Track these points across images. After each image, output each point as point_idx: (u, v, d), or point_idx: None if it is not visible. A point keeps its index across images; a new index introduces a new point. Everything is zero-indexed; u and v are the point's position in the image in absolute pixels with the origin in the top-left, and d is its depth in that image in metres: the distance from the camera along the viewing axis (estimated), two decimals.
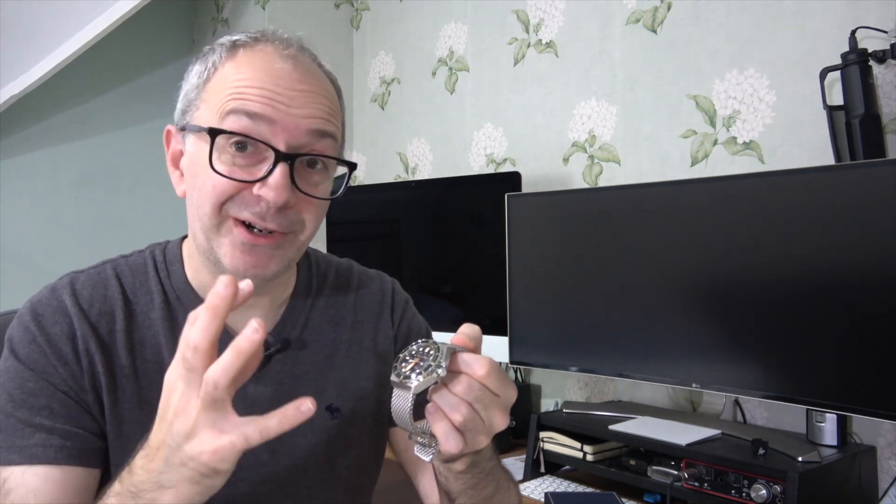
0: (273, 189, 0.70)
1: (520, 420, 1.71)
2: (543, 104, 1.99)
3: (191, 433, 0.55)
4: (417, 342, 0.63)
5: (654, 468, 1.34)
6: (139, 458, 0.60)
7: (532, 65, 2.02)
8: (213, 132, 0.70)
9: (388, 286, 0.94)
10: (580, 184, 1.89)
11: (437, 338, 0.97)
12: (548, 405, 1.93)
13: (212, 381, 0.54)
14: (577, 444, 1.47)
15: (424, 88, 2.36)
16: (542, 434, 1.54)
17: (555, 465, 1.55)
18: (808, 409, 1.31)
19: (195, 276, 0.80)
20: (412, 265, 2.11)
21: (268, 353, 0.79)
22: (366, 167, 2.57)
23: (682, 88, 1.69)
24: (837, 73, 1.36)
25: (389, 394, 0.61)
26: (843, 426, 1.30)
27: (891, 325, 1.14)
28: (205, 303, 0.56)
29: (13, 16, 2.14)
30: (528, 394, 1.94)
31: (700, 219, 1.38)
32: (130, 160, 2.64)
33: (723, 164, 1.62)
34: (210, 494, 0.58)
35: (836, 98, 1.38)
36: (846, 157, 1.32)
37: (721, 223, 1.35)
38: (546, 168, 1.98)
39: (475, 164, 2.19)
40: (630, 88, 1.79)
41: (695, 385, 1.39)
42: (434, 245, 2.07)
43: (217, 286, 0.56)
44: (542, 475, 1.54)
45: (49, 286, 0.78)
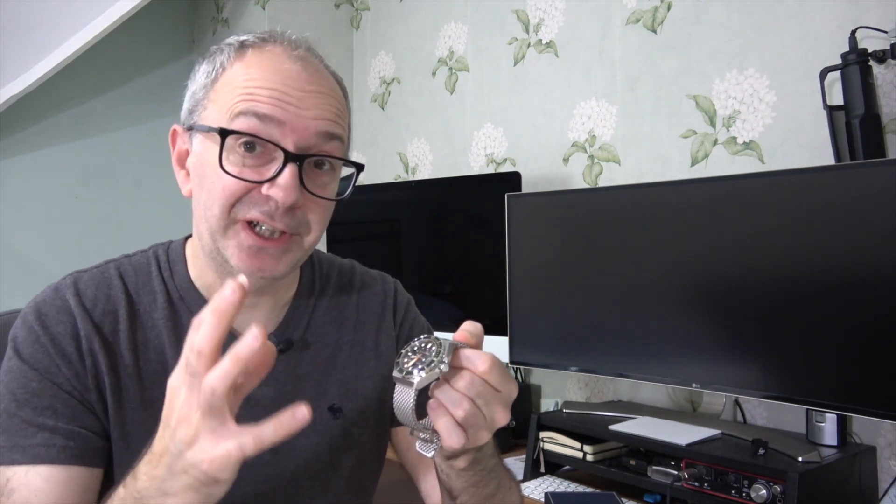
0: (283, 189, 0.70)
1: (520, 420, 1.71)
2: (543, 104, 1.99)
3: (192, 440, 0.55)
4: (420, 338, 0.63)
5: (654, 468, 1.34)
6: (143, 465, 0.60)
7: (532, 65, 2.03)
8: (224, 133, 0.70)
9: (391, 287, 0.95)
10: (580, 184, 1.89)
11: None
12: (548, 405, 1.93)
13: (209, 388, 0.53)
14: (577, 444, 1.47)
15: (424, 88, 2.36)
16: (542, 434, 1.54)
17: (555, 465, 1.55)
18: (808, 409, 1.31)
19: (199, 276, 0.80)
20: (412, 265, 2.11)
21: None
22: (366, 167, 2.56)
23: (682, 88, 1.69)
24: (837, 73, 1.36)
25: (391, 392, 0.61)
26: (843, 426, 1.30)
27: (891, 325, 1.14)
28: (210, 306, 0.55)
29: (13, 16, 2.15)
30: (528, 394, 1.94)
31: (700, 219, 1.39)
32: (130, 160, 2.64)
33: (723, 164, 1.62)
34: (213, 501, 0.58)
35: (836, 98, 1.38)
36: (846, 157, 1.32)
37: (721, 223, 1.35)
38: (546, 168, 1.98)
39: (475, 164, 2.19)
40: (630, 88, 1.80)
41: (695, 385, 1.39)
42: (434, 245, 2.07)
43: (224, 290, 0.55)
44: (542, 475, 1.54)
45: (52, 286, 0.78)
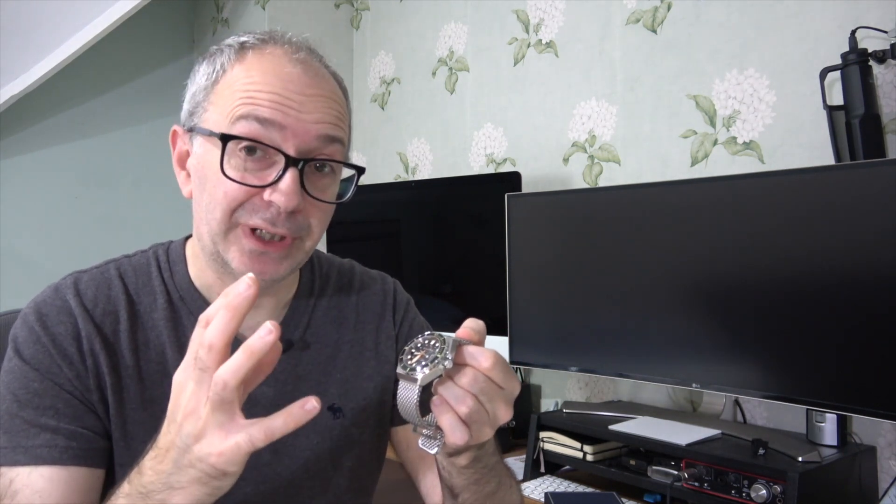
0: (284, 194, 0.70)
1: (520, 420, 1.71)
2: (543, 104, 1.99)
3: (199, 434, 0.55)
4: (423, 335, 0.63)
5: (654, 468, 1.34)
6: (148, 459, 0.60)
7: (532, 65, 2.03)
8: (225, 138, 0.70)
9: (390, 287, 0.95)
10: (580, 184, 1.89)
11: None
12: (548, 405, 1.93)
13: (221, 382, 0.53)
14: (577, 444, 1.47)
15: (424, 88, 2.36)
16: (542, 434, 1.54)
17: (555, 465, 1.55)
18: (808, 409, 1.31)
19: (199, 277, 0.80)
20: (412, 265, 2.11)
21: None
22: (366, 167, 2.56)
23: (682, 88, 1.69)
24: (837, 73, 1.36)
25: (391, 391, 0.61)
26: (843, 426, 1.30)
27: (891, 325, 1.14)
28: (222, 301, 0.55)
29: (13, 16, 2.14)
30: (528, 394, 1.94)
31: (700, 219, 1.39)
32: (130, 160, 2.64)
33: (723, 164, 1.62)
34: (219, 495, 0.58)
35: (836, 98, 1.38)
36: (846, 157, 1.32)
37: (721, 223, 1.35)
38: (546, 168, 1.98)
39: (475, 164, 2.19)
40: (630, 88, 1.80)
41: (695, 385, 1.39)
42: (434, 245, 2.07)
43: (238, 286, 0.55)
44: (542, 475, 1.54)
45: (52, 286, 0.78)
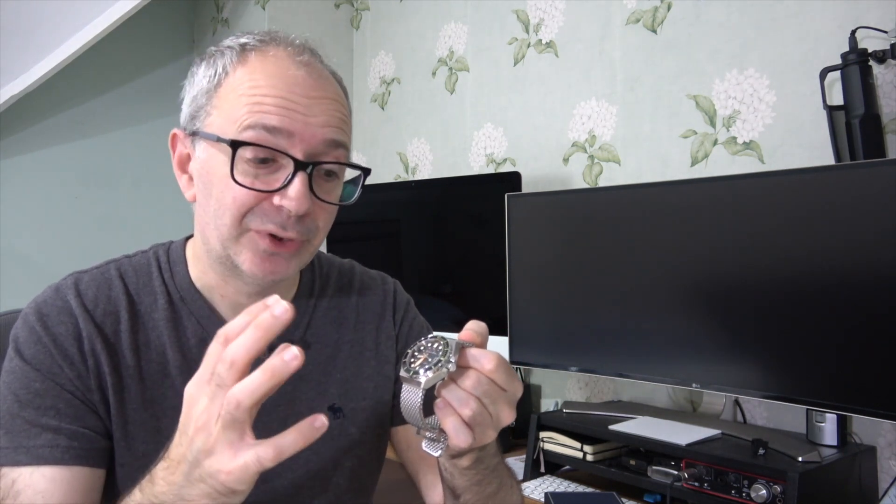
0: (295, 199, 0.70)
1: (520, 420, 1.70)
2: (543, 104, 1.99)
3: (209, 451, 0.55)
4: (426, 337, 0.64)
5: (654, 468, 1.34)
6: (160, 469, 0.60)
7: (532, 65, 2.03)
8: (235, 145, 0.70)
9: (391, 287, 0.95)
10: (580, 184, 1.89)
11: None
12: (548, 405, 1.93)
13: (234, 401, 0.53)
14: (577, 444, 1.47)
15: (424, 88, 2.36)
16: (542, 434, 1.54)
17: (555, 465, 1.55)
18: (808, 409, 1.31)
19: (200, 278, 0.80)
20: (412, 265, 2.11)
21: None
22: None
23: (682, 88, 1.69)
24: (837, 73, 1.36)
25: (391, 391, 0.61)
26: (843, 426, 1.30)
27: (891, 325, 1.14)
28: (248, 318, 0.55)
29: (13, 16, 2.14)
30: (528, 394, 1.94)
31: (700, 219, 1.39)
32: (130, 160, 2.64)
33: (723, 164, 1.62)
34: None
35: (836, 98, 1.38)
36: (846, 157, 1.32)
37: (721, 223, 1.35)
38: (546, 168, 1.98)
39: (475, 164, 2.19)
40: (630, 88, 1.80)
41: (695, 385, 1.39)
42: (434, 245, 2.07)
43: (274, 308, 0.54)
44: (542, 475, 1.54)
45: (53, 286, 0.77)
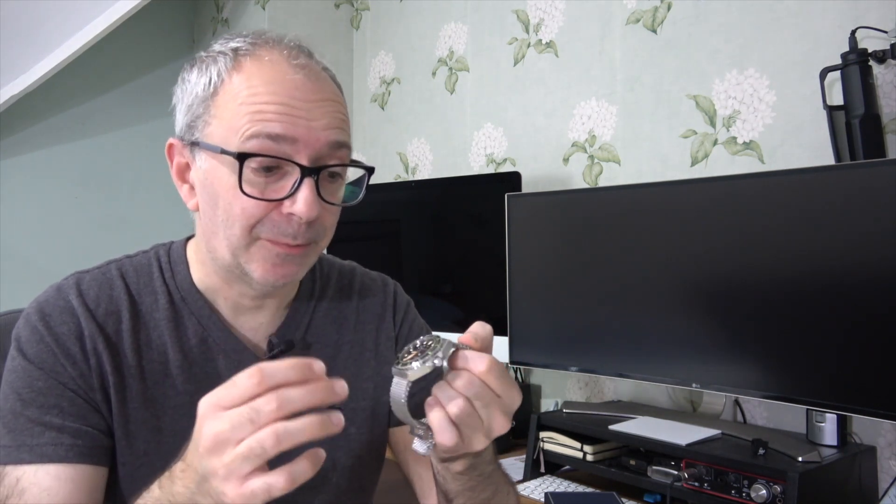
0: (305, 205, 0.70)
1: (520, 420, 1.71)
2: (543, 104, 1.99)
3: (218, 473, 0.54)
4: (422, 337, 0.64)
5: (654, 468, 1.34)
6: (178, 470, 0.61)
7: (532, 65, 2.03)
8: (242, 157, 0.69)
9: (391, 288, 0.95)
10: (580, 184, 1.89)
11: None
12: (548, 405, 1.93)
13: (274, 439, 0.53)
14: (577, 444, 1.47)
15: (424, 88, 2.36)
16: (542, 434, 1.54)
17: (555, 465, 1.55)
18: (808, 409, 1.31)
19: (202, 280, 0.81)
20: (412, 265, 2.11)
21: (272, 354, 0.80)
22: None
23: (682, 88, 1.69)
24: (837, 73, 1.36)
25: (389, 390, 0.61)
26: (843, 426, 1.30)
27: (891, 325, 1.14)
28: (314, 383, 0.55)
29: (13, 16, 2.14)
30: (528, 394, 1.94)
31: (700, 219, 1.38)
32: (130, 160, 2.64)
33: (723, 164, 1.62)
34: None
35: (836, 98, 1.38)
36: (846, 157, 1.32)
37: (721, 223, 1.35)
38: (546, 168, 1.98)
39: (475, 164, 2.19)
40: (630, 88, 1.80)
41: (695, 385, 1.39)
42: (434, 245, 2.07)
43: (338, 389, 0.55)
44: (542, 475, 1.54)
45: (54, 286, 0.78)
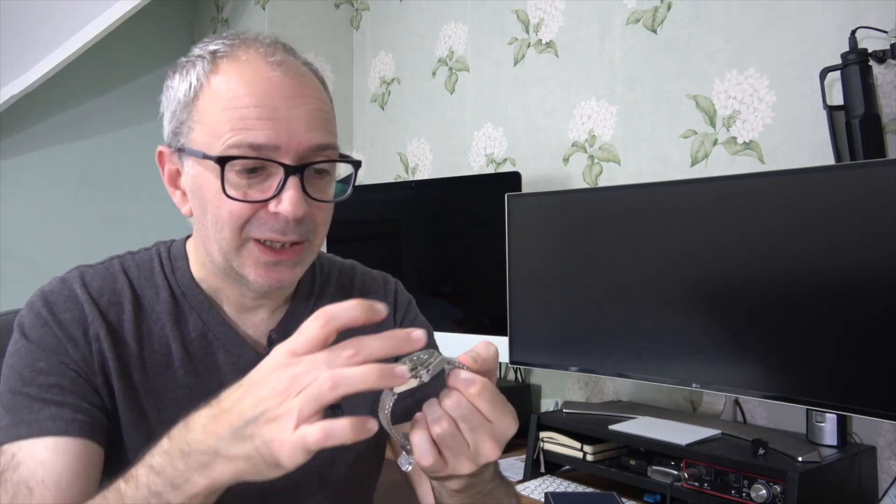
0: (290, 204, 0.70)
1: (520, 420, 1.71)
2: (543, 104, 1.99)
3: (275, 417, 0.52)
4: (423, 350, 0.62)
5: (654, 468, 1.34)
6: (202, 417, 0.57)
7: (532, 65, 2.02)
8: (222, 161, 0.70)
9: (392, 287, 0.95)
10: (580, 184, 1.89)
11: (437, 337, 0.97)
12: (548, 405, 1.93)
13: (333, 382, 0.51)
14: (577, 444, 1.47)
15: (424, 88, 2.36)
16: (542, 434, 1.54)
17: (555, 465, 1.55)
18: (808, 409, 1.31)
19: (204, 280, 0.81)
20: (412, 265, 2.11)
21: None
22: (366, 167, 2.57)
23: (682, 88, 1.69)
24: (837, 73, 1.36)
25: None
26: (843, 426, 1.30)
27: (890, 325, 1.14)
28: (394, 332, 0.54)
29: (13, 16, 2.14)
30: (528, 394, 1.94)
31: (700, 219, 1.38)
32: (130, 160, 2.64)
33: (723, 164, 1.62)
34: (259, 479, 0.56)
35: (836, 98, 1.38)
36: (846, 157, 1.32)
37: (721, 223, 1.35)
38: (546, 168, 1.98)
39: (475, 164, 2.19)
40: (630, 88, 1.79)
41: (695, 385, 1.39)
42: (434, 245, 2.07)
43: (414, 337, 0.54)
44: (542, 475, 1.54)
45: (58, 277, 0.79)
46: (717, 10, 1.62)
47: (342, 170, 0.79)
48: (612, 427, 1.43)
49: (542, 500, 1.37)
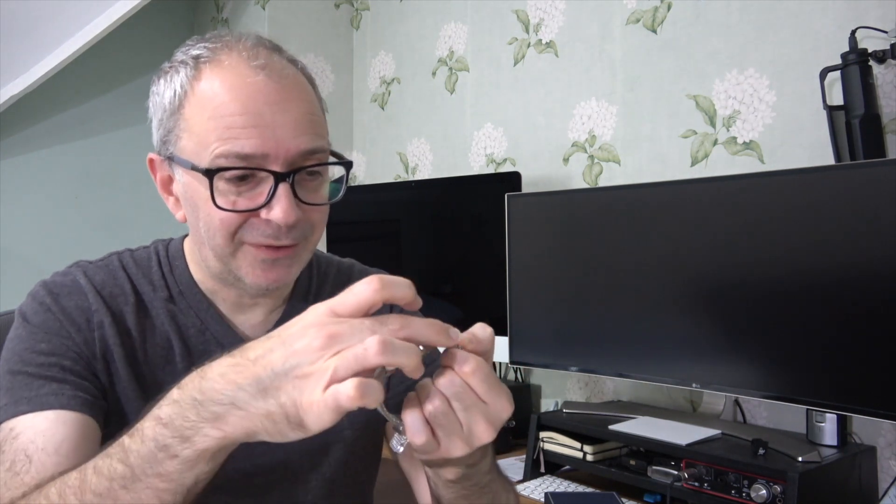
0: (282, 211, 0.70)
1: (520, 420, 1.71)
2: (543, 104, 1.99)
3: (306, 374, 0.50)
4: None
5: (654, 468, 1.34)
6: (222, 365, 0.54)
7: (532, 65, 2.02)
8: (210, 174, 0.69)
9: None
10: (580, 184, 1.89)
11: None
12: (548, 405, 1.93)
13: (367, 350, 0.48)
14: (577, 444, 1.47)
15: (424, 88, 2.36)
16: (542, 434, 1.54)
17: (555, 465, 1.55)
18: (808, 409, 1.31)
19: (202, 281, 0.81)
20: (412, 265, 2.11)
21: None
22: (366, 167, 2.57)
23: (682, 88, 1.69)
24: (837, 73, 1.36)
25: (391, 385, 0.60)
26: (843, 426, 1.30)
27: (891, 325, 1.14)
28: (435, 321, 0.54)
29: (13, 16, 2.14)
30: (528, 394, 1.94)
31: (700, 219, 1.38)
32: (130, 160, 2.63)
33: (723, 164, 1.62)
34: (275, 441, 0.53)
35: (836, 98, 1.38)
36: (846, 157, 1.32)
37: (721, 223, 1.35)
38: (546, 168, 1.98)
39: (475, 164, 2.19)
40: (630, 88, 1.79)
41: (695, 385, 1.39)
42: (434, 245, 2.07)
43: (452, 335, 0.54)
44: (542, 475, 1.54)
45: (60, 271, 0.79)
46: (717, 10, 1.62)
47: (336, 168, 0.79)
48: (612, 427, 1.43)
49: (542, 500, 1.37)
